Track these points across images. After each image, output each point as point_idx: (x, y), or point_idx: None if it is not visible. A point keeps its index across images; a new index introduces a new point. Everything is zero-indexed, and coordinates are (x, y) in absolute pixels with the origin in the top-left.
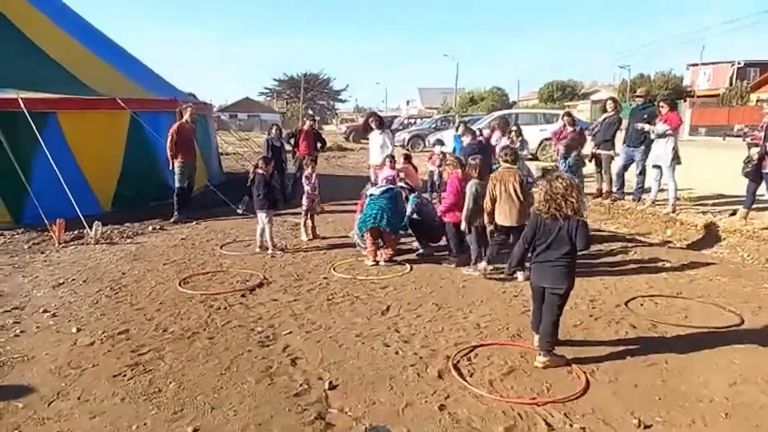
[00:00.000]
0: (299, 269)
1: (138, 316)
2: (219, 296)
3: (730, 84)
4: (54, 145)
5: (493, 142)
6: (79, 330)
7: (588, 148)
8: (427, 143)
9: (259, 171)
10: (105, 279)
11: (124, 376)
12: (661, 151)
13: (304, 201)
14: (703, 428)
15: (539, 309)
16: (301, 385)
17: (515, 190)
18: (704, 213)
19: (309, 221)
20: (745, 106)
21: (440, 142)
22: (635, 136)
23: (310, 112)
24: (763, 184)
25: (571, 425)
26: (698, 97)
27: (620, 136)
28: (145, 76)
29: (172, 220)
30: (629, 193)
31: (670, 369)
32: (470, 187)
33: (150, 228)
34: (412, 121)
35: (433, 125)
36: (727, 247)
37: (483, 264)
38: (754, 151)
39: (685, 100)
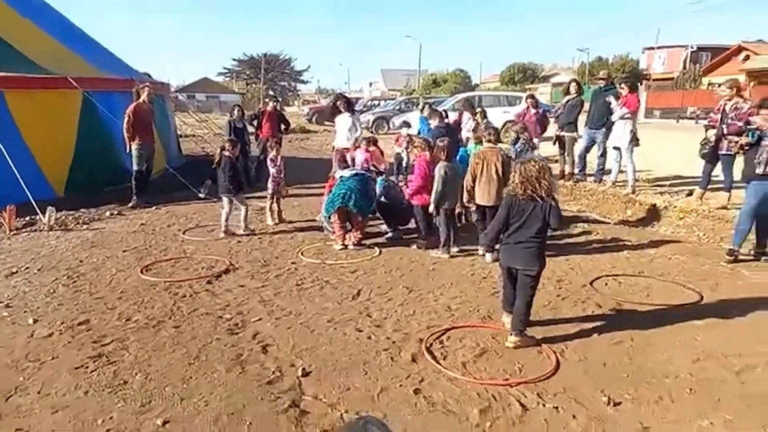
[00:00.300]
0: (266, 254)
1: (98, 306)
2: (184, 283)
3: (684, 68)
4: (1, 127)
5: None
6: (35, 321)
7: (551, 130)
8: (391, 125)
9: (226, 153)
10: (61, 267)
11: (87, 368)
12: (620, 132)
13: (270, 184)
14: (670, 404)
15: (510, 289)
16: (273, 372)
17: (497, 170)
18: (662, 194)
19: (275, 205)
20: (697, 89)
21: (407, 124)
22: (597, 118)
23: (271, 92)
24: (719, 165)
25: (543, 405)
26: (654, 80)
27: (582, 119)
28: (98, 55)
29: (131, 204)
30: (590, 175)
31: (635, 347)
32: (439, 170)
33: (107, 213)
34: (376, 102)
35: (397, 107)
36: (683, 226)
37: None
38: (711, 133)
39: (641, 83)
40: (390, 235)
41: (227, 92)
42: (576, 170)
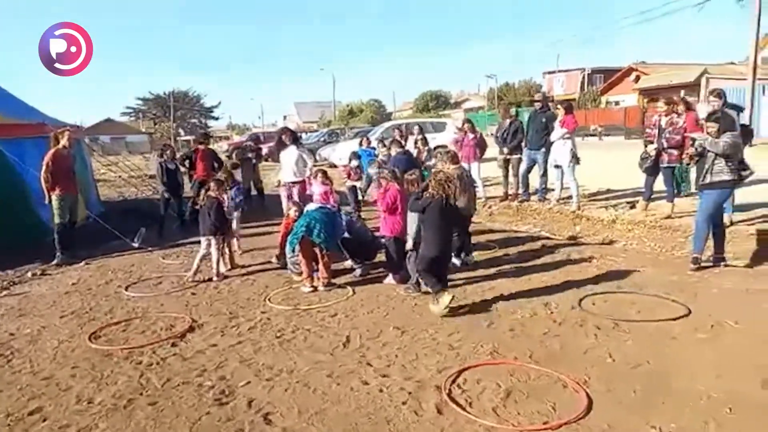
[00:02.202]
0: (229, 305)
1: (49, 388)
2: (144, 349)
3: (581, 89)
4: None
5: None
6: None
7: (490, 152)
8: (317, 157)
9: (211, 194)
10: None
11: None
12: (560, 152)
13: None
14: (718, 428)
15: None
16: None
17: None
18: (606, 208)
19: (226, 249)
20: (597, 108)
21: (356, 156)
22: (536, 139)
23: (182, 131)
24: (660, 177)
25: None
26: (556, 102)
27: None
28: (1, 98)
29: (55, 262)
30: (533, 194)
31: (654, 369)
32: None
33: (29, 274)
34: (298, 135)
35: (322, 138)
36: (633, 238)
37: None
38: (651, 148)
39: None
40: (358, 271)
41: (133, 132)
42: (520, 191)
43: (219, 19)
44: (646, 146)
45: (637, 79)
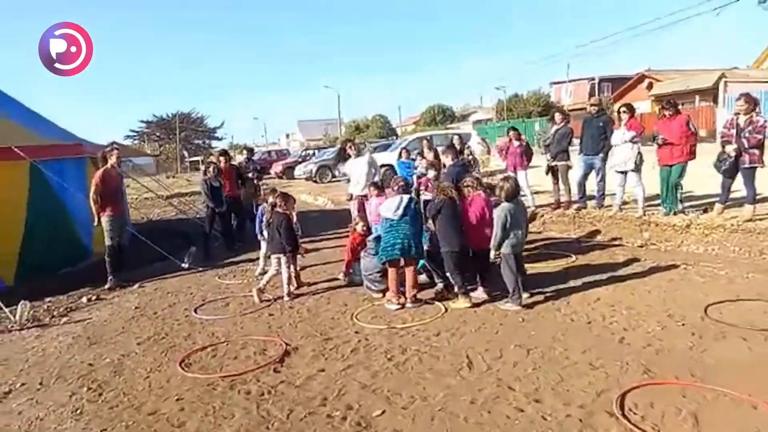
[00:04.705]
0: (316, 326)
1: (160, 424)
2: (247, 376)
3: (590, 98)
4: None
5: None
6: None
7: (537, 160)
8: (337, 173)
9: (279, 210)
10: (69, 376)
11: None
12: (627, 156)
13: None
14: None
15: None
16: None
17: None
18: (675, 213)
19: (293, 267)
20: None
21: (434, 167)
22: (592, 144)
23: (185, 153)
24: (739, 177)
25: None
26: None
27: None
28: (35, 120)
29: (108, 286)
30: (590, 198)
31: None
32: (501, 211)
33: (84, 300)
34: (310, 152)
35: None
36: (712, 243)
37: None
38: (730, 149)
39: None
40: (440, 285)
41: (140, 155)
42: (577, 197)
43: (219, 43)
44: (723, 147)
45: (650, 86)
